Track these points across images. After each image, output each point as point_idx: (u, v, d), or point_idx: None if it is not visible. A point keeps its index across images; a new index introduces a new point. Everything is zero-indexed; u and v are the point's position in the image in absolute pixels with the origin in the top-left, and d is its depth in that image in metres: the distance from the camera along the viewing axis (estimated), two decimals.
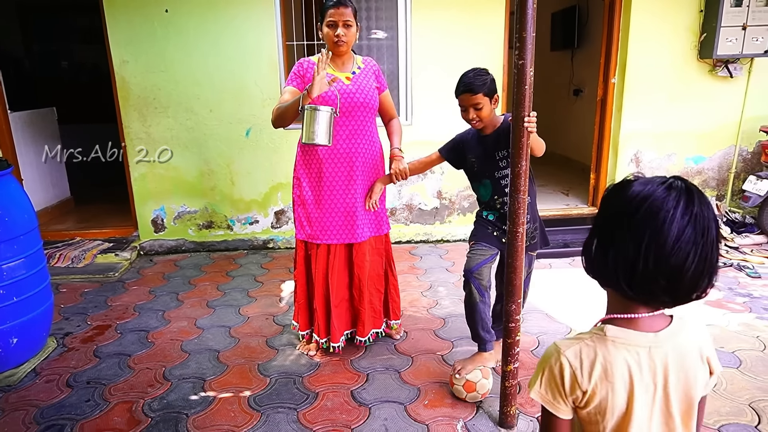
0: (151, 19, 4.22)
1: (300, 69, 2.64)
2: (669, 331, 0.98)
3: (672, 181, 0.92)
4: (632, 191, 0.93)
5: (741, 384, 2.56)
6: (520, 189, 1.99)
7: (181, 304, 3.62)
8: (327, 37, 2.55)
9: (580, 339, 0.99)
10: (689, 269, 0.89)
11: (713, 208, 0.93)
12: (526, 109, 1.92)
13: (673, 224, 0.87)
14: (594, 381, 0.95)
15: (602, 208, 1.00)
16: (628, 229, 0.91)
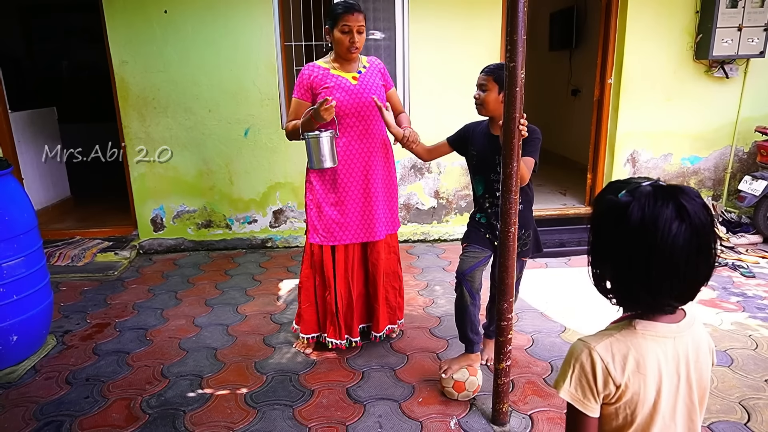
0: (150, 20, 4.25)
1: (305, 79, 2.61)
2: (686, 322, 1.02)
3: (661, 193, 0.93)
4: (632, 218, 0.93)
5: (732, 382, 2.59)
6: (512, 189, 2.01)
7: (180, 303, 3.65)
8: (340, 42, 2.51)
9: (608, 334, 1.00)
10: (702, 276, 0.95)
11: (704, 201, 0.95)
12: (517, 111, 1.95)
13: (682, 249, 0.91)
14: (627, 375, 0.97)
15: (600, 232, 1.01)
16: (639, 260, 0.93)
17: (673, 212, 0.91)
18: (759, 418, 2.30)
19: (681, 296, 0.97)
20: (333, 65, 2.62)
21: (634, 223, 0.93)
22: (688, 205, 0.91)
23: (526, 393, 2.54)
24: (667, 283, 0.93)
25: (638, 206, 0.93)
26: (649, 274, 0.93)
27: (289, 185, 4.67)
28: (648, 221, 0.91)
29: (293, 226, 4.77)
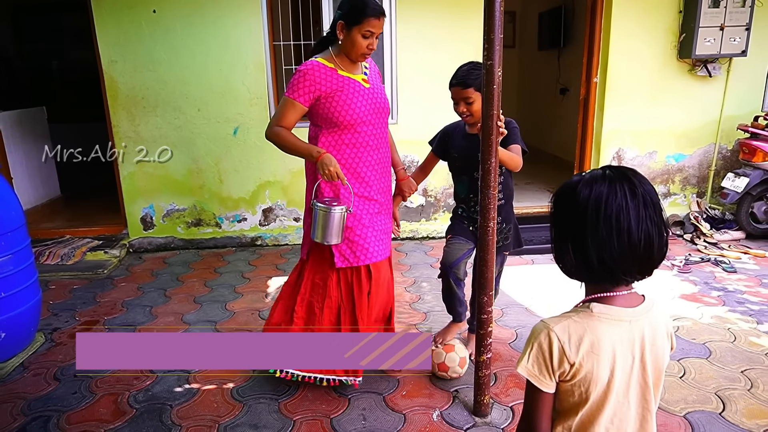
0: (139, 20, 4.27)
1: (310, 81, 2.22)
2: (644, 307, 1.08)
3: (609, 173, 1.01)
4: (581, 196, 1.01)
5: (709, 373, 2.65)
6: (490, 185, 2.06)
7: (169, 300, 3.68)
8: (357, 45, 2.21)
9: (567, 316, 1.06)
10: (655, 243, 0.99)
11: (645, 177, 1.03)
12: (495, 108, 2.00)
13: (630, 213, 0.97)
14: (581, 355, 1.02)
15: (558, 216, 1.07)
16: (594, 231, 0.99)
17: (619, 187, 0.98)
18: (733, 408, 2.36)
19: (635, 270, 1.01)
20: (339, 65, 2.29)
21: (584, 199, 1.00)
22: (635, 179, 0.99)
23: (508, 386, 2.59)
24: (620, 256, 0.98)
25: (587, 183, 1.01)
26: (601, 248, 0.98)
27: (278, 184, 4.71)
28: (596, 195, 0.99)
29: (283, 224, 4.80)
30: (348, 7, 2.20)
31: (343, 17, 2.21)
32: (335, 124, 2.29)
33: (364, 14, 2.17)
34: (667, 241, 1.02)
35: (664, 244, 1.01)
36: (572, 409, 1.06)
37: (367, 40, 2.22)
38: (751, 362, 2.74)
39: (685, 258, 4.15)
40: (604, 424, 1.05)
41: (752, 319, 3.21)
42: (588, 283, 1.08)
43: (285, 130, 2.28)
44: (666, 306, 3.40)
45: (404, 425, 2.31)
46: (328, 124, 2.30)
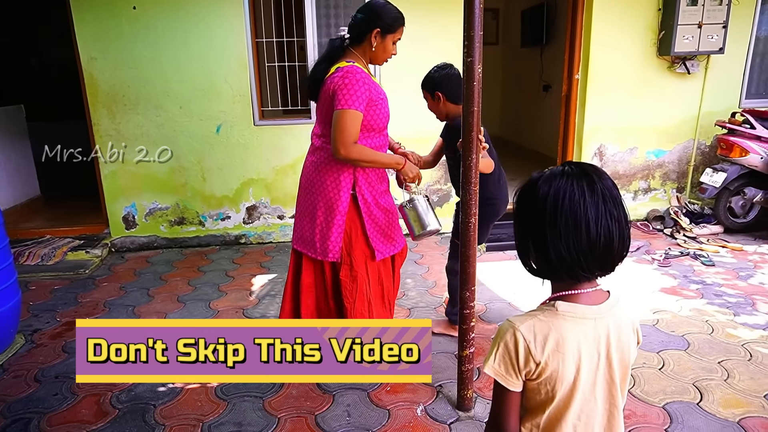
0: (119, 16, 4.22)
1: (366, 89, 2.23)
2: (609, 303, 1.08)
3: (568, 169, 1.02)
4: (540, 193, 1.02)
5: (687, 365, 2.70)
6: (471, 181, 2.08)
7: (152, 300, 3.65)
8: (388, 50, 2.36)
9: (532, 315, 1.07)
10: (616, 239, 0.99)
11: (607, 175, 1.03)
12: (475, 104, 2.01)
13: (588, 210, 0.97)
14: (547, 353, 1.02)
15: (519, 213, 1.08)
16: (552, 228, 1.00)
17: (578, 183, 0.99)
18: (710, 398, 2.41)
19: (596, 266, 1.01)
20: (367, 70, 2.38)
21: (542, 196, 1.01)
22: (595, 175, 1.00)
23: (491, 380, 2.59)
24: (579, 253, 0.99)
25: (546, 180, 1.02)
26: (561, 244, 0.99)
27: (262, 181, 4.69)
28: (554, 192, 1.00)
29: (267, 222, 4.79)
30: (385, 16, 2.30)
31: (380, 25, 2.30)
32: (371, 128, 2.35)
33: (399, 23, 2.34)
34: (628, 237, 1.02)
35: (626, 239, 1.01)
36: (539, 407, 1.08)
37: (395, 47, 2.40)
38: (728, 353, 2.80)
39: (665, 252, 4.22)
40: (572, 421, 1.06)
41: (729, 311, 3.27)
42: (551, 280, 1.09)
43: (364, 147, 2.30)
44: (646, 299, 3.46)
45: (389, 421, 2.32)
46: (365, 129, 2.32)
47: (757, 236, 4.56)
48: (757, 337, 2.95)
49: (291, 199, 4.75)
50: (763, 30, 4.94)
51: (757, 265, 3.98)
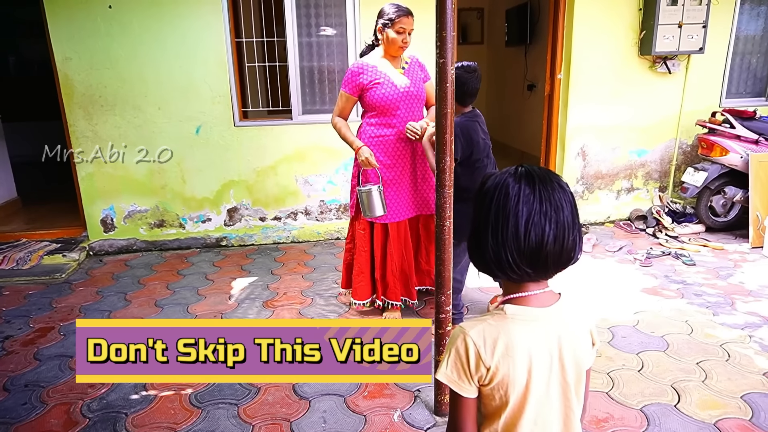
0: (94, 15, 4.14)
1: (355, 76, 2.89)
2: (559, 305, 1.06)
3: (519, 169, 1.01)
4: (483, 189, 1.02)
5: (666, 366, 2.70)
6: (446, 183, 2.05)
7: (129, 304, 3.59)
8: (392, 41, 2.81)
9: (483, 320, 1.05)
10: (548, 241, 0.97)
11: (561, 183, 1.01)
12: (449, 106, 1.98)
13: (520, 207, 0.96)
14: (497, 358, 1.01)
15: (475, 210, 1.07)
16: (485, 222, 1.00)
17: (517, 181, 0.98)
18: (688, 399, 2.41)
19: (524, 265, 0.99)
20: (380, 62, 2.90)
21: (484, 190, 1.01)
22: (537, 177, 0.98)
23: None
24: (507, 248, 0.98)
25: (494, 177, 1.02)
26: (492, 238, 0.99)
27: (243, 183, 4.63)
28: (493, 186, 1.00)
29: (248, 224, 4.73)
30: (383, 13, 2.82)
31: (381, 23, 2.83)
32: (373, 108, 2.92)
33: (395, 15, 2.78)
34: (571, 242, 0.99)
35: (564, 243, 0.99)
36: (495, 412, 1.05)
37: (400, 36, 2.81)
38: (706, 354, 2.80)
39: (647, 252, 4.23)
40: (528, 426, 1.04)
41: (709, 311, 3.28)
42: (494, 279, 1.09)
43: (340, 121, 3.00)
44: (627, 300, 3.46)
45: (365, 427, 2.29)
46: (369, 107, 2.94)
47: (738, 235, 4.58)
48: (735, 337, 2.95)
49: (273, 200, 4.71)
50: (743, 29, 4.97)
51: (737, 264, 4.00)
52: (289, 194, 4.70)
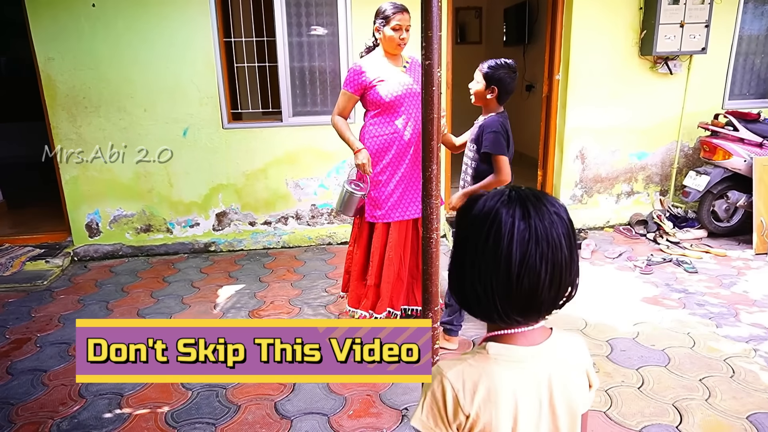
0: (77, 14, 4.01)
1: (357, 75, 2.84)
2: (549, 343, 0.93)
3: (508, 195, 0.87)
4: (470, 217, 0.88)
5: (667, 383, 2.57)
6: (431, 194, 1.92)
7: (111, 314, 3.47)
8: (390, 39, 2.78)
9: (462, 359, 0.93)
10: (544, 285, 0.84)
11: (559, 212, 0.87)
12: (435, 111, 1.85)
13: (513, 247, 0.82)
14: (477, 404, 0.88)
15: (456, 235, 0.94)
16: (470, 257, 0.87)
17: (516, 216, 0.83)
18: (690, 420, 2.28)
19: (515, 311, 0.87)
20: (381, 61, 2.87)
21: (475, 218, 0.87)
22: (534, 209, 0.84)
23: None
24: (494, 292, 0.85)
25: (483, 203, 0.88)
26: (476, 277, 0.85)
27: (231, 186, 4.51)
28: (482, 217, 0.86)
29: (238, 228, 4.61)
30: (378, 12, 2.80)
31: (377, 21, 2.81)
32: (376, 105, 2.86)
33: (390, 12, 2.76)
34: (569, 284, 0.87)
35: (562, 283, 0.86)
36: None
37: (398, 33, 2.77)
38: (709, 369, 2.67)
39: (648, 259, 4.10)
40: None
41: (711, 322, 3.15)
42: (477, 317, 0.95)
43: (341, 120, 2.93)
44: (627, 310, 3.33)
45: None
46: (373, 106, 2.88)
47: (741, 240, 4.45)
48: (740, 351, 2.82)
49: (263, 204, 4.58)
50: (746, 29, 4.83)
51: (740, 272, 3.87)
52: (280, 198, 4.57)
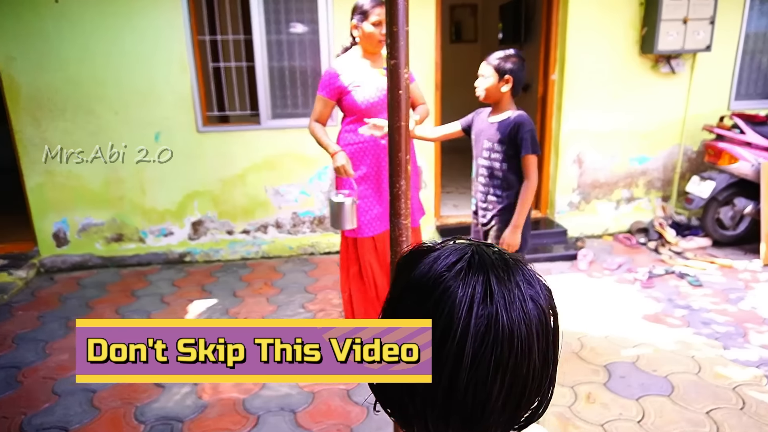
0: (40, 12, 3.76)
1: (332, 79, 2.62)
2: None
3: (468, 260, 0.58)
4: (411, 281, 0.60)
5: (670, 416, 2.32)
6: (400, 213, 1.67)
7: (70, 333, 3.22)
8: (370, 36, 2.54)
9: None
10: (495, 404, 0.56)
11: (536, 295, 0.58)
12: (402, 118, 1.60)
13: (467, 345, 0.54)
14: None
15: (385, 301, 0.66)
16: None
17: (475, 299, 0.55)
18: None
19: (461, 428, 0.58)
20: (359, 63, 2.64)
21: (416, 280, 0.59)
22: (500, 287, 0.56)
23: None
24: (447, 415, 0.57)
25: (434, 260, 0.59)
26: (427, 394, 0.58)
27: (208, 194, 4.26)
28: (431, 283, 0.57)
29: (214, 237, 4.36)
30: (355, 8, 2.57)
31: (354, 18, 2.57)
32: (351, 112, 2.65)
33: (369, 5, 2.52)
34: (532, 405, 0.59)
35: (521, 408, 0.58)
36: None
37: (378, 29, 2.53)
38: (717, 399, 2.42)
39: (649, 271, 3.83)
40: None
41: (718, 343, 2.90)
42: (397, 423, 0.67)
43: (317, 125, 2.70)
44: (626, 329, 3.08)
45: None
46: (349, 112, 2.66)
47: (748, 250, 4.19)
48: (750, 378, 2.57)
49: (241, 212, 4.33)
50: (754, 25, 4.56)
51: (748, 285, 3.61)
52: (259, 205, 4.32)
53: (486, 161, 2.47)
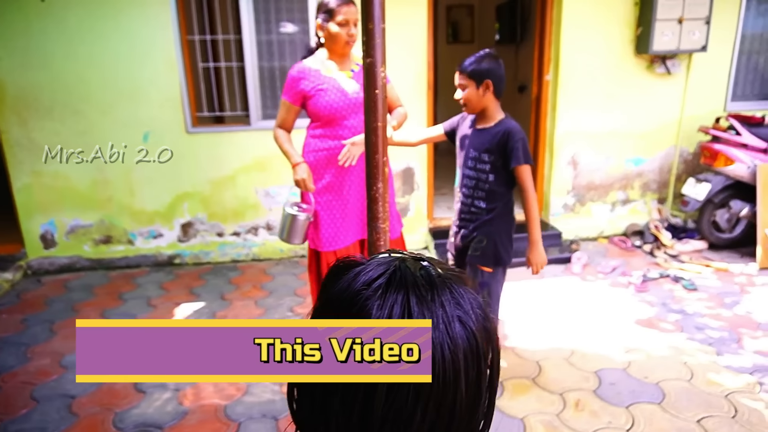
0: (25, 10, 3.71)
1: (295, 82, 2.47)
2: None
3: (389, 275, 0.53)
4: (338, 287, 0.56)
5: (660, 424, 2.26)
6: (378, 216, 1.62)
7: (53, 337, 3.17)
8: (336, 36, 2.37)
9: None
10: (420, 430, 0.51)
11: (464, 313, 0.53)
12: (379, 119, 1.55)
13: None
14: None
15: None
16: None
17: (390, 307, 0.51)
18: None
19: None
20: (325, 64, 2.48)
21: (335, 296, 0.55)
22: (421, 307, 0.51)
23: None
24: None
25: (354, 276, 0.55)
26: (331, 406, 0.55)
27: (198, 195, 4.20)
28: (348, 300, 0.54)
29: (205, 239, 4.30)
30: (321, 5, 2.39)
31: (319, 17, 2.40)
32: (317, 118, 2.50)
33: (335, 3, 2.35)
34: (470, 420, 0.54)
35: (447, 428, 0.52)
36: None
37: (344, 29, 2.36)
38: (709, 407, 2.37)
39: (643, 274, 3.77)
40: None
41: (712, 349, 2.84)
42: None
43: (281, 132, 2.57)
44: (618, 335, 3.02)
45: None
46: (314, 117, 2.51)
47: (744, 253, 4.14)
48: (743, 385, 2.52)
49: (231, 214, 4.28)
50: (750, 26, 4.50)
51: (743, 289, 3.56)
52: (249, 207, 4.27)
53: (471, 171, 2.35)
